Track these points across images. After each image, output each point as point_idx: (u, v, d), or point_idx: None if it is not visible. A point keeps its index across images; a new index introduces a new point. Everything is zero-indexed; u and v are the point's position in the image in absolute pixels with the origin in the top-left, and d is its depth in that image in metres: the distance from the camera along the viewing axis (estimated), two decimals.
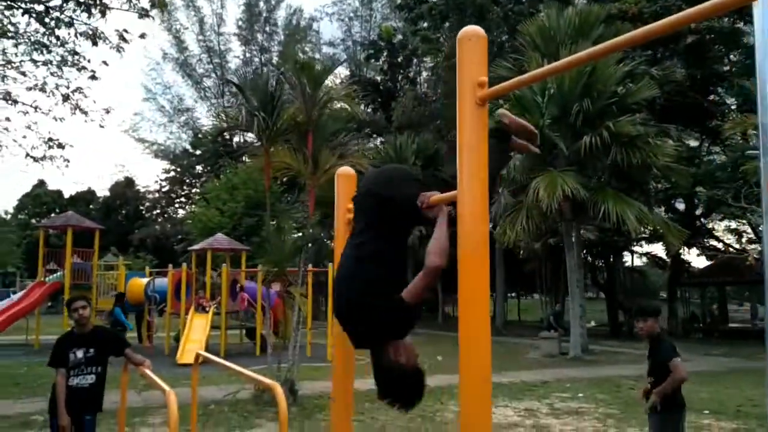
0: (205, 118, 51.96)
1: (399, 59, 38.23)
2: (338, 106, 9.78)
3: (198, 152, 49.46)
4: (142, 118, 73.93)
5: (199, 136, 49.62)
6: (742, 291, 39.06)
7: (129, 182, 56.50)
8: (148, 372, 4.60)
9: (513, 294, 43.13)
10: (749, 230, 33.08)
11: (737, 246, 33.04)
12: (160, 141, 53.33)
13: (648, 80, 16.84)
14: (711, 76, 27.85)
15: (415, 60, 37.84)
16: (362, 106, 26.76)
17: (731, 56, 26.91)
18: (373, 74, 39.05)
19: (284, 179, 35.91)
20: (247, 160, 43.40)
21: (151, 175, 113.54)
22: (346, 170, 3.39)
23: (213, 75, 50.52)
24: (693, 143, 28.73)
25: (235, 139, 48.96)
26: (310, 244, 9.75)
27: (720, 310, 31.17)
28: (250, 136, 47.49)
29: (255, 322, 15.96)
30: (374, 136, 30.94)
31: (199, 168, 49.96)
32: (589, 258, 32.02)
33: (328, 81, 10.37)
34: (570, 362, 16.08)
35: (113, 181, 57.88)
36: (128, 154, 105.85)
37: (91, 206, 52.74)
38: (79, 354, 4.46)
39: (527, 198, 15.57)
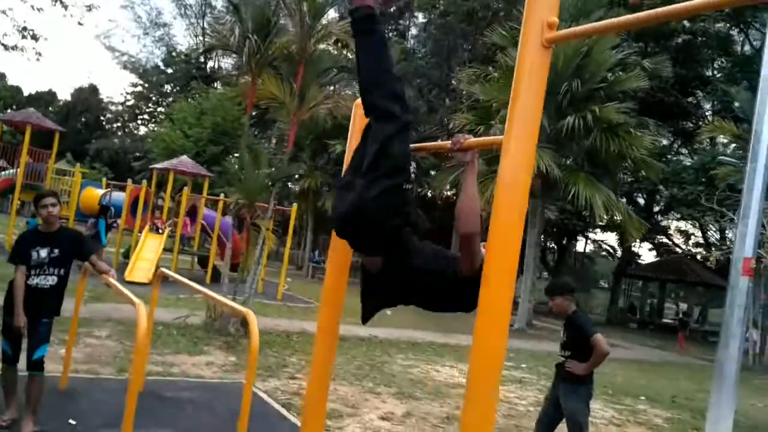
0: (182, 36, 50.25)
1: (391, 9, 37.35)
2: (332, 44, 9.41)
3: (169, 71, 47.82)
4: (117, 26, 70.94)
5: (173, 54, 47.90)
6: (679, 290, 40.48)
7: (93, 90, 54.52)
8: (113, 281, 4.37)
9: None
10: (699, 234, 34.15)
11: (683, 247, 34.17)
12: (131, 53, 51.39)
13: (639, 71, 16.83)
14: (694, 78, 28.14)
15: (407, 14, 37.06)
16: (347, 52, 26.07)
17: (719, 62, 27.17)
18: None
19: (253, 113, 35.33)
20: (219, 86, 42.32)
21: (117, 87, 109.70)
22: None
23: None
24: (664, 141, 29.16)
25: (210, 63, 47.60)
26: (283, 180, 9.53)
27: (658, 305, 32.28)
28: (226, 63, 46.18)
29: (209, 250, 15.67)
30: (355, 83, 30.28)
31: (168, 87, 48.41)
32: (542, 237, 32.54)
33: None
34: (515, 333, 16.37)
35: (77, 86, 55.79)
36: (96, 61, 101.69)
37: (50, 108, 50.70)
38: (43, 253, 4.18)
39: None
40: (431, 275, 2.55)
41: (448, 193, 17.57)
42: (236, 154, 34.45)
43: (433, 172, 24.69)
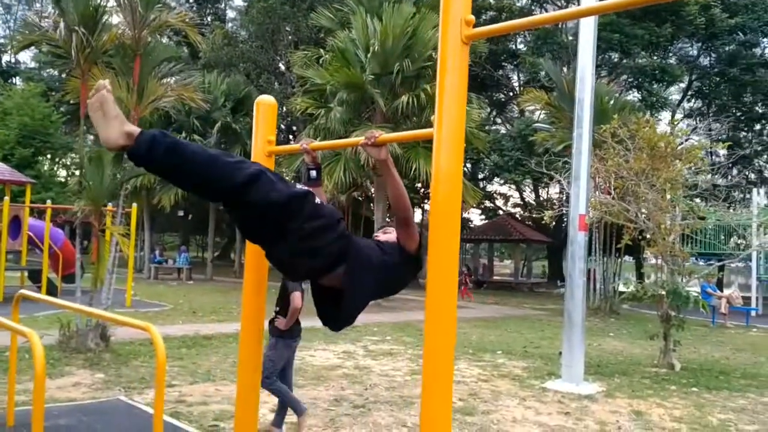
0: None
1: None
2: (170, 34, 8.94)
3: None
4: None
5: None
6: (507, 249, 43.91)
7: None
8: None
9: None
10: (516, 195, 37.33)
11: (504, 208, 37.20)
12: None
13: None
14: (504, 52, 30.43)
15: None
16: (165, 39, 24.75)
17: (524, 35, 29.53)
18: (175, 4, 36.34)
19: (62, 109, 32.40)
20: (19, 82, 38.23)
21: None
22: (266, 98, 3.19)
23: None
24: (484, 113, 31.28)
25: (5, 58, 42.76)
26: (130, 181, 8.93)
27: (488, 265, 34.83)
28: (23, 57, 41.74)
29: (40, 264, 14.33)
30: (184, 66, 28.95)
31: None
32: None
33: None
34: (371, 308, 16.81)
35: None
36: None
37: None
38: None
39: (345, 150, 15.81)
40: (395, 267, 2.66)
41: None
42: (49, 156, 31.59)
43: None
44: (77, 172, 26.20)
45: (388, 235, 2.89)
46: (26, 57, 41.51)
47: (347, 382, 7.69)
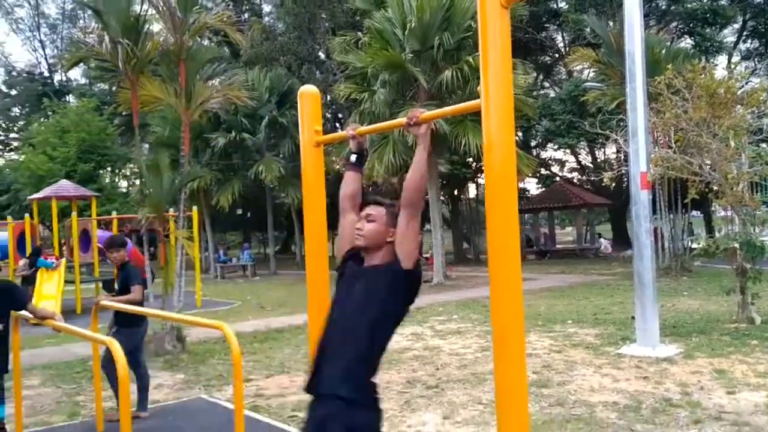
0: (19, 53, 46.70)
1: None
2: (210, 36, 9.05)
3: (14, 92, 44.10)
4: None
5: (14, 73, 44.19)
6: (567, 216, 43.01)
7: None
8: (62, 324, 4.10)
9: None
10: (572, 159, 36.40)
11: (561, 174, 36.34)
12: None
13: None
14: (545, 12, 29.58)
15: None
16: (205, 41, 25.14)
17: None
18: (212, 5, 36.84)
19: (115, 121, 33.37)
20: (72, 99, 39.60)
21: None
22: (309, 88, 3.17)
23: (26, 4, 44.84)
24: (530, 78, 30.56)
25: (57, 77, 44.38)
26: (188, 185, 9.14)
27: (550, 233, 34.21)
28: (74, 74, 43.21)
29: (112, 273, 14.84)
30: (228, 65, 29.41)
31: (16, 110, 44.67)
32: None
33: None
34: (435, 288, 16.88)
35: None
36: None
37: None
38: None
39: (392, 133, 15.74)
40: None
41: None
42: (109, 168, 32.67)
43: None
44: (137, 182, 27.06)
45: (372, 222, 2.57)
46: (76, 74, 43.01)
47: (419, 364, 7.70)
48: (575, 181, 34.85)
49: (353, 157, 2.85)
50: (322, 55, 27.35)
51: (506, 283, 2.18)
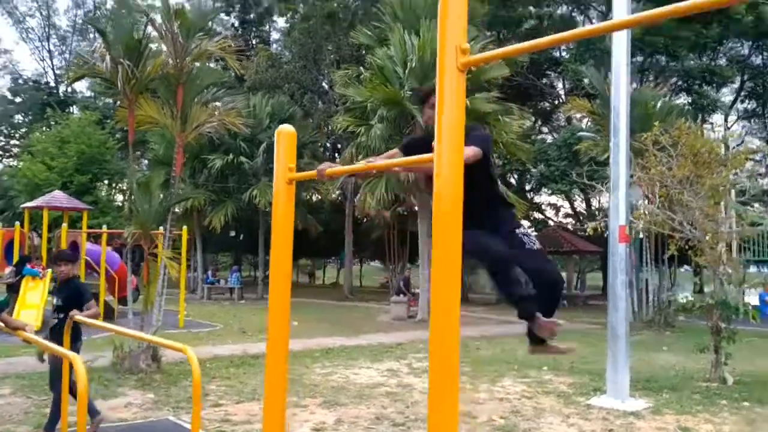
0: (27, 62, 47.30)
1: (251, 16, 36.95)
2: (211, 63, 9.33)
3: (18, 100, 44.45)
4: None
5: (20, 81, 44.62)
6: (557, 261, 43.07)
7: None
8: (31, 335, 4.19)
9: (355, 261, 44.15)
10: (567, 205, 36.69)
11: (555, 219, 36.58)
12: None
13: (500, 60, 17.84)
14: (546, 60, 30.14)
15: (267, 19, 36.89)
16: (212, 63, 25.54)
17: (566, 43, 29.18)
18: (222, 30, 37.51)
19: (117, 135, 33.65)
20: (76, 111, 39.97)
21: None
22: (286, 128, 3.33)
23: (38, 14, 45.47)
24: (527, 123, 30.97)
25: (62, 87, 44.83)
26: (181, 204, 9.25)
27: None
28: (79, 86, 43.64)
29: (98, 287, 14.88)
30: (228, 91, 29.85)
31: (19, 117, 44.98)
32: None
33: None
34: (419, 324, 16.88)
35: None
36: None
37: None
38: None
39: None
40: None
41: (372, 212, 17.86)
42: (106, 182, 32.84)
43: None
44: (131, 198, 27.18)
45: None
46: (82, 86, 43.40)
47: (389, 401, 7.72)
48: (569, 227, 35.06)
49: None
50: (325, 86, 27.79)
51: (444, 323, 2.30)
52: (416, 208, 19.66)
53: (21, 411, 6.49)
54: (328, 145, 30.61)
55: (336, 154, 30.22)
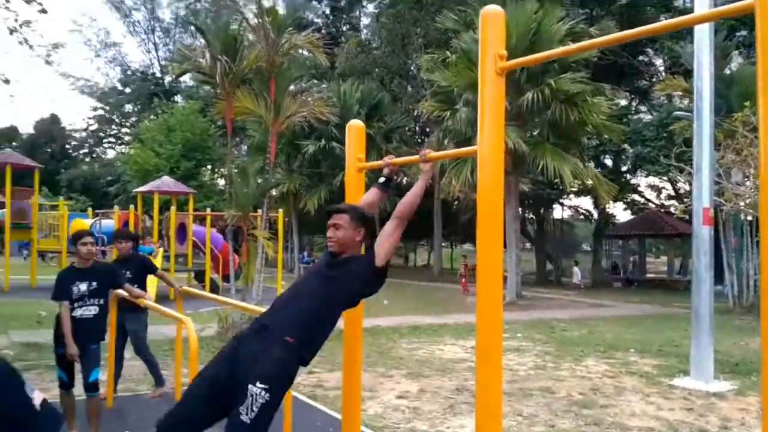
0: (134, 54, 50.42)
1: (341, 3, 37.72)
2: (302, 52, 9.95)
3: (127, 90, 47.62)
4: (65, 50, 70.03)
5: (129, 73, 47.73)
6: (659, 244, 41.49)
7: (54, 119, 53.93)
8: (150, 303, 4.89)
9: (445, 244, 44.44)
10: (669, 186, 35.17)
11: (657, 201, 35.16)
12: (86, 77, 51.15)
13: (588, 39, 17.48)
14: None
15: (356, 5, 37.51)
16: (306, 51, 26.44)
17: (663, 17, 27.93)
18: (313, 17, 38.50)
19: (218, 123, 35.48)
20: (180, 100, 42.41)
21: (77, 113, 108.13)
22: (355, 123, 3.75)
23: (143, 8, 48.31)
24: (623, 102, 29.94)
25: (167, 78, 47.51)
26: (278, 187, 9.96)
27: (639, 261, 33.17)
28: (184, 78, 46.13)
29: (203, 265, 16.10)
30: (316, 81, 30.88)
31: (129, 107, 48.19)
32: (520, 210, 33.26)
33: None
34: (506, 306, 16.93)
35: (37, 118, 55.15)
36: (50, 89, 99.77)
37: (14, 143, 50.15)
38: (83, 287, 4.69)
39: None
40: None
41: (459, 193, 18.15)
42: (209, 167, 34.79)
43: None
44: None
45: (339, 229, 3.10)
46: (185, 76, 45.80)
47: (471, 374, 8.06)
48: (672, 209, 33.64)
49: (381, 179, 3.42)
50: (413, 70, 28.10)
51: (490, 303, 2.66)
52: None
53: (140, 372, 7.35)
54: (417, 128, 30.95)
55: (424, 137, 30.53)
